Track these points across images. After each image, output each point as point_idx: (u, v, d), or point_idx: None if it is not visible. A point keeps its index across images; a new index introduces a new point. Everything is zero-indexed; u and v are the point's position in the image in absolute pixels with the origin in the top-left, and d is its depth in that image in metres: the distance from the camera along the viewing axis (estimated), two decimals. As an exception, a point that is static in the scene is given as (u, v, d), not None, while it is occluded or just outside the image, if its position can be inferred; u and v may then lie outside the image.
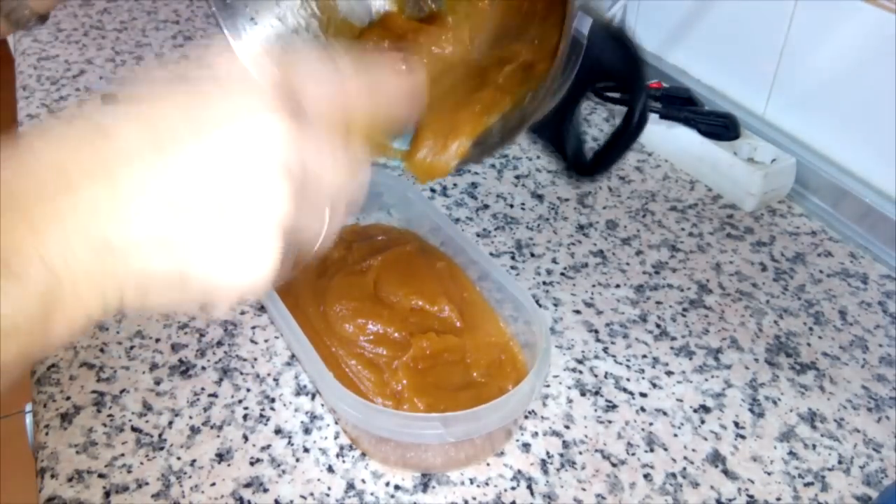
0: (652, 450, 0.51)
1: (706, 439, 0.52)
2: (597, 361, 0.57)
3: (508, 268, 0.65)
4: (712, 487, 0.49)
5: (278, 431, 0.51)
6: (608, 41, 0.41)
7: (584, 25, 0.41)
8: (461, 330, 0.55)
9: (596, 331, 0.59)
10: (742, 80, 0.80)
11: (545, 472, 0.49)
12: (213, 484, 0.47)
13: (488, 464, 0.49)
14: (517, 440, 0.51)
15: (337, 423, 0.51)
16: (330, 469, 0.49)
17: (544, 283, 0.63)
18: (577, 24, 0.40)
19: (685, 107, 0.77)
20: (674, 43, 0.87)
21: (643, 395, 0.54)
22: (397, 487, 0.48)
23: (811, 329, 0.61)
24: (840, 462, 0.51)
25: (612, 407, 0.54)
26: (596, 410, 0.53)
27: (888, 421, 0.53)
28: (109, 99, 0.29)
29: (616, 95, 0.81)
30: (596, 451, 0.50)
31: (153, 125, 0.27)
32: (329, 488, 0.48)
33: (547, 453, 0.50)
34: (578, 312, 0.61)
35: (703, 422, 0.53)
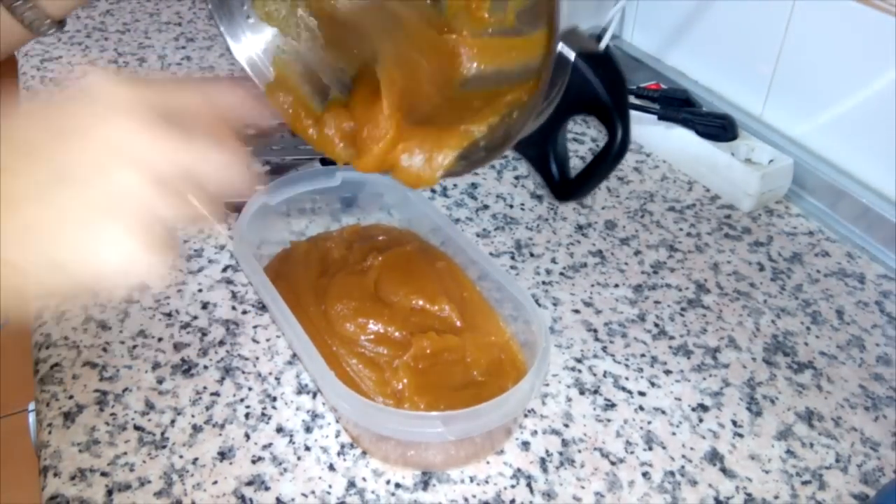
0: (650, 448, 0.51)
1: (704, 438, 0.52)
2: (596, 360, 0.57)
3: (508, 268, 0.65)
4: (710, 486, 0.49)
5: (280, 430, 0.51)
6: (595, 65, 0.42)
7: (571, 48, 0.41)
8: (461, 329, 0.56)
9: (595, 330, 0.60)
10: (740, 82, 0.80)
11: (544, 471, 0.49)
12: (215, 482, 0.48)
13: (488, 462, 0.50)
14: (517, 438, 0.51)
15: (338, 422, 0.52)
16: (331, 467, 0.49)
17: (543, 283, 0.64)
18: (563, 47, 0.41)
19: (683, 108, 0.77)
20: (672, 44, 0.88)
21: (642, 394, 0.55)
22: (398, 485, 0.48)
23: (808, 328, 0.61)
24: (837, 460, 0.51)
25: (611, 406, 0.54)
26: (595, 409, 0.54)
27: (885, 420, 0.54)
28: None
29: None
30: (595, 450, 0.51)
31: None
32: (330, 486, 0.48)
33: (546, 451, 0.51)
34: (577, 312, 0.61)
35: (702, 420, 0.53)
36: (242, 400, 0.53)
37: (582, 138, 0.83)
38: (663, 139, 0.79)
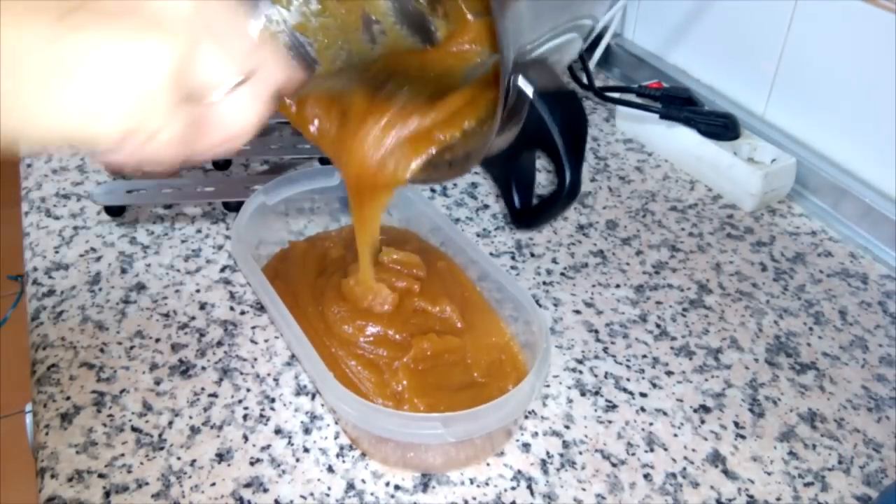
0: (652, 450, 0.51)
1: (706, 439, 0.52)
2: (597, 361, 0.57)
3: (508, 268, 0.65)
4: (712, 487, 0.49)
5: (278, 431, 0.51)
6: (554, 104, 0.41)
7: (531, 82, 0.41)
8: (462, 330, 0.55)
9: (596, 331, 0.59)
10: (742, 80, 0.80)
11: (545, 472, 0.49)
12: (213, 484, 0.47)
13: (488, 464, 0.49)
14: (517, 440, 0.51)
15: (337, 423, 0.51)
16: (330, 469, 0.49)
17: (544, 283, 0.63)
18: (523, 81, 0.40)
19: (685, 107, 0.77)
20: (674, 43, 0.87)
21: (643, 395, 0.54)
22: (397, 487, 0.48)
23: (811, 329, 0.61)
24: (840, 462, 0.51)
25: (612, 407, 0.54)
26: (596, 410, 0.53)
27: (888, 421, 0.53)
28: None
29: (616, 96, 0.81)
30: (596, 451, 0.50)
31: None
32: (329, 488, 0.48)
33: (547, 453, 0.50)
34: (578, 312, 0.61)
35: (703, 422, 0.53)
36: (241, 401, 0.53)
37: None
38: (665, 138, 0.79)
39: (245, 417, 0.51)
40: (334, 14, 0.54)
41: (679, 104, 0.78)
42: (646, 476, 0.49)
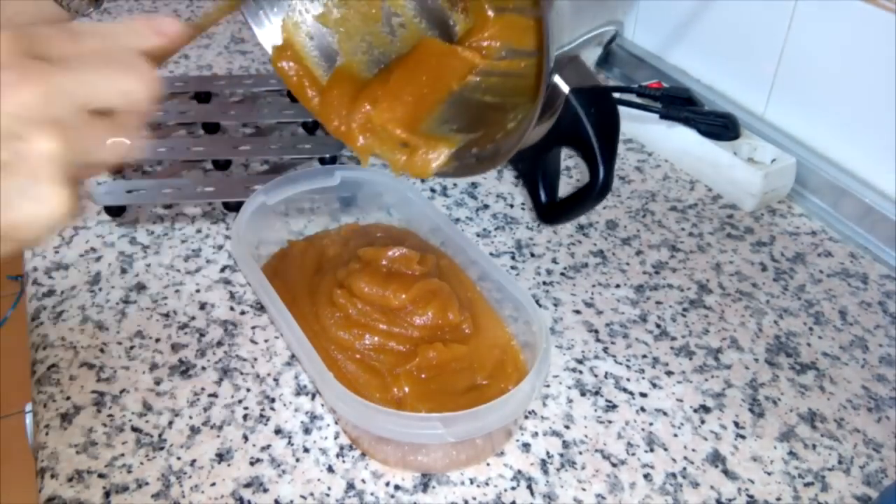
0: (652, 450, 0.51)
1: (706, 439, 0.52)
2: (597, 361, 0.57)
3: (508, 268, 0.65)
4: (712, 487, 0.49)
5: (278, 431, 0.51)
6: (589, 102, 0.42)
7: (567, 81, 0.41)
8: (469, 337, 0.55)
9: (596, 331, 0.59)
10: (742, 80, 0.80)
11: (545, 472, 0.49)
12: (213, 484, 0.47)
13: (488, 464, 0.49)
14: (517, 440, 0.51)
15: (337, 424, 0.51)
16: (330, 469, 0.49)
17: (544, 283, 0.63)
18: (559, 79, 0.40)
19: (685, 107, 0.77)
20: (674, 42, 0.87)
21: (643, 395, 0.54)
22: (397, 487, 0.48)
23: (811, 329, 0.61)
24: (840, 462, 0.51)
25: (612, 407, 0.54)
26: (596, 410, 0.53)
27: (888, 421, 0.53)
28: None
29: (616, 96, 0.81)
30: (596, 451, 0.50)
31: None
32: (329, 488, 0.48)
33: (547, 453, 0.50)
34: (578, 312, 0.61)
35: (703, 422, 0.53)
36: (241, 401, 0.53)
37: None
38: (665, 138, 0.79)
39: (245, 417, 0.51)
40: (355, 5, 0.54)
41: (679, 104, 0.77)
42: (646, 476, 0.49)
